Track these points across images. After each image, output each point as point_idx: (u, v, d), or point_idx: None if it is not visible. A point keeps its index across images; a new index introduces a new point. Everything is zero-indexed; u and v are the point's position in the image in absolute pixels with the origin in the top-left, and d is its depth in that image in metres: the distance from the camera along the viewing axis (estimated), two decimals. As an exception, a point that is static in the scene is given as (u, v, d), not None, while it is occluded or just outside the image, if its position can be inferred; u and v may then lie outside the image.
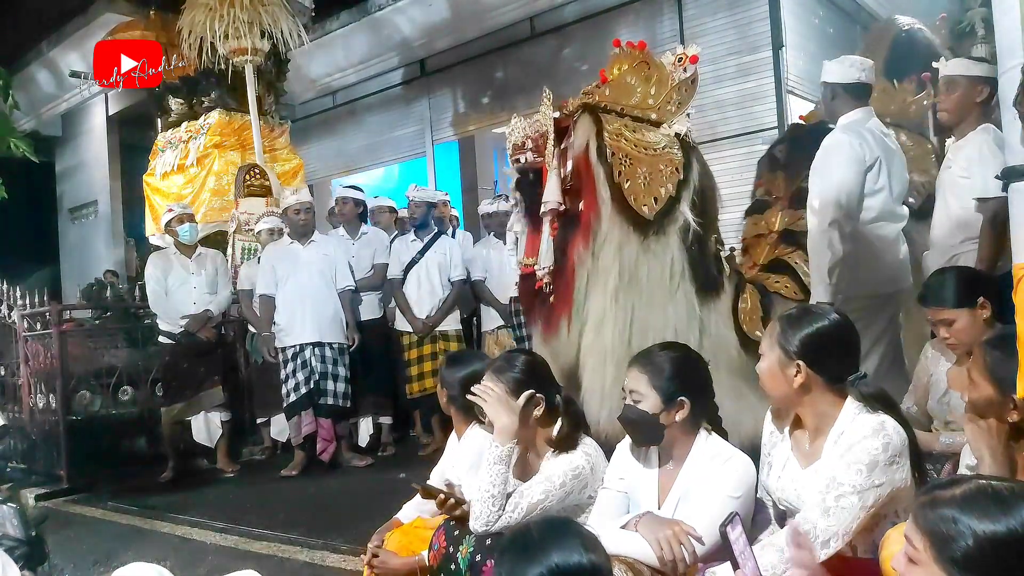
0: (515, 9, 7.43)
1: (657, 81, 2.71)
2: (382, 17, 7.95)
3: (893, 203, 3.08)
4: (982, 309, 2.33)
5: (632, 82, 2.74)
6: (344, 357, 4.93)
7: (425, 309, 5.07)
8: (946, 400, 2.49)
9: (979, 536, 1.04)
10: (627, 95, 2.71)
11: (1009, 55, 1.77)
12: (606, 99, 2.70)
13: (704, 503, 1.83)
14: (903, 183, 3.14)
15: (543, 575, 1.23)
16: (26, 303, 5.39)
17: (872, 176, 2.99)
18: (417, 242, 5.18)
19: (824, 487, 1.62)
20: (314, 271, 4.92)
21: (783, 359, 1.77)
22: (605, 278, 2.53)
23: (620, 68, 2.80)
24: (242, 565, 2.94)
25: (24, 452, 5.47)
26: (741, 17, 6.28)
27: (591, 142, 2.59)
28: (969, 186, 2.82)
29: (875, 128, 3.11)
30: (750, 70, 6.21)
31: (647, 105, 2.69)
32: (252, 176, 6.26)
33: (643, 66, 2.75)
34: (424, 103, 8.57)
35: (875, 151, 2.99)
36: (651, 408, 1.90)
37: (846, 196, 2.90)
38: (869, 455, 1.60)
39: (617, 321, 2.50)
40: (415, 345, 5.07)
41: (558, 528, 1.35)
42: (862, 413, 1.70)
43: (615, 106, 2.67)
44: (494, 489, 2.00)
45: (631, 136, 2.60)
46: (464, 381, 2.40)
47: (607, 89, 2.74)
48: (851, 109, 3.10)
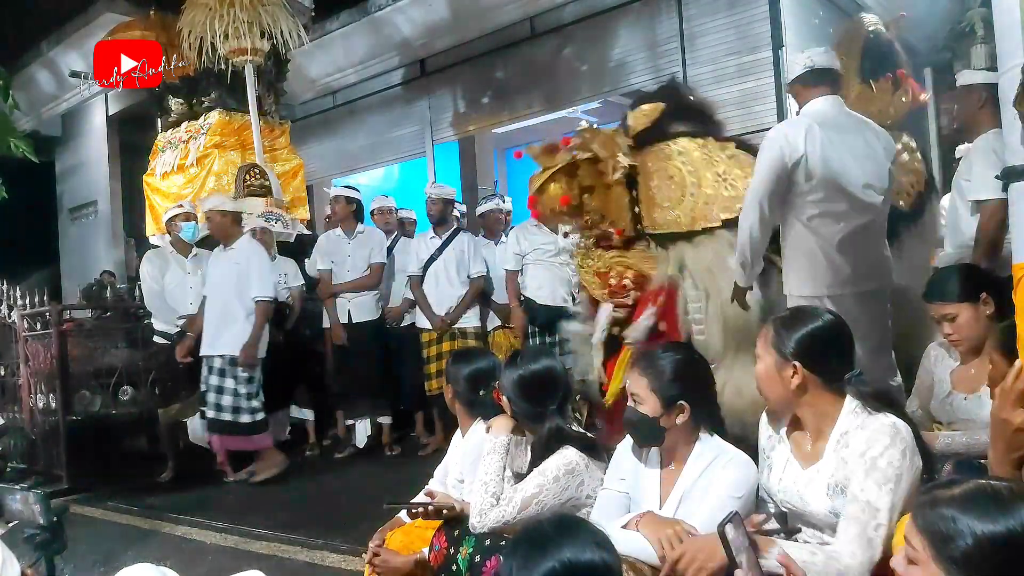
0: (515, 9, 7.42)
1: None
2: (382, 17, 7.94)
3: (845, 196, 2.86)
4: (985, 305, 2.34)
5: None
6: (236, 370, 4.66)
7: (444, 306, 5.05)
8: (949, 401, 2.48)
9: (978, 536, 1.04)
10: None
11: (1009, 55, 1.77)
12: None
13: (706, 503, 1.83)
14: (870, 176, 2.91)
15: (555, 569, 1.22)
16: (26, 303, 5.39)
17: (802, 172, 2.82)
18: (436, 239, 5.17)
19: (861, 514, 1.59)
20: (220, 280, 4.80)
21: (779, 361, 1.77)
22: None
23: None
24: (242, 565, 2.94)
25: (24, 452, 5.48)
26: (741, 17, 6.28)
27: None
28: (968, 188, 2.83)
29: (825, 119, 2.90)
30: (750, 70, 6.21)
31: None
32: (252, 176, 6.25)
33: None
34: (424, 103, 8.57)
35: (800, 147, 2.80)
36: (651, 411, 1.91)
37: (764, 190, 2.80)
38: (895, 469, 1.59)
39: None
40: (434, 342, 5.06)
41: (570, 524, 1.35)
42: (862, 412, 1.70)
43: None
44: (487, 477, 2.05)
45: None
46: (470, 378, 2.43)
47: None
48: (810, 99, 2.99)
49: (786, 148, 2.80)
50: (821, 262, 2.86)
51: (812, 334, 1.75)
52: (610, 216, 2.99)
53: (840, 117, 2.95)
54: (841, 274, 2.86)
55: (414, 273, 5.16)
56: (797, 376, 1.74)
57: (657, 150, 2.99)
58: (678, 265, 2.96)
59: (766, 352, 1.80)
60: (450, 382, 2.54)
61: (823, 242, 2.85)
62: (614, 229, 2.99)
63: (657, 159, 3.00)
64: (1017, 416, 1.47)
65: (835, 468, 1.69)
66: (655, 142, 3.02)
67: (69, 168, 10.96)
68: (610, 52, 7.10)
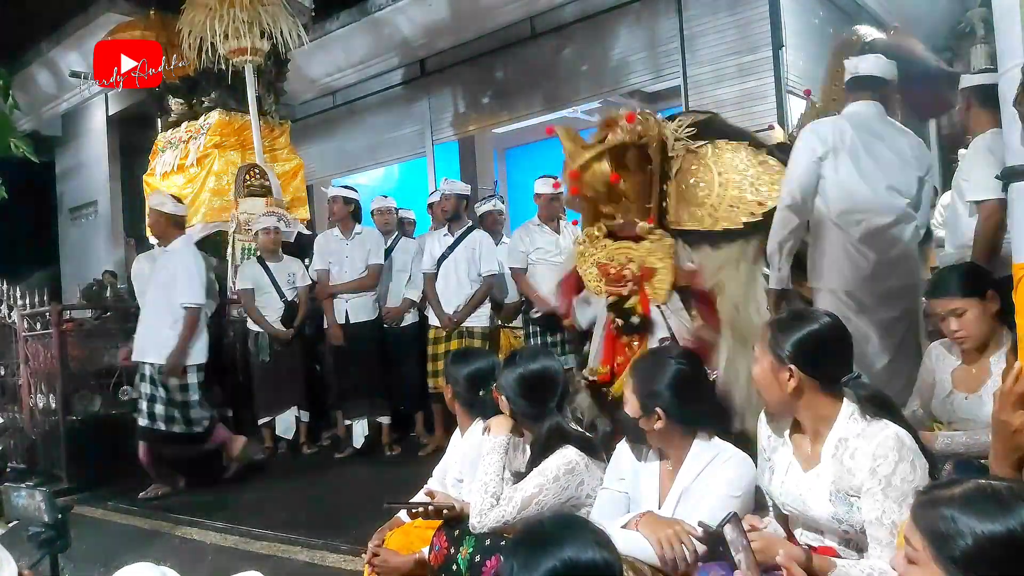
0: (515, 9, 7.43)
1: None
2: (382, 17, 7.95)
3: (872, 196, 3.00)
4: (991, 302, 2.34)
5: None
6: (163, 378, 4.51)
7: (453, 304, 5.00)
8: (950, 400, 2.48)
9: (978, 536, 1.04)
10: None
11: (1009, 55, 1.77)
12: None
13: (704, 502, 1.84)
14: (895, 180, 3.03)
15: (556, 568, 1.22)
16: (26, 303, 5.39)
17: (829, 165, 2.98)
18: (449, 236, 5.13)
19: (891, 536, 1.58)
20: (154, 286, 4.68)
21: (775, 364, 1.75)
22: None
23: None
24: (242, 565, 2.94)
25: (24, 452, 5.48)
26: (741, 17, 6.28)
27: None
28: (966, 188, 2.85)
29: (859, 120, 3.06)
30: (750, 70, 6.22)
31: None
32: (252, 176, 6.26)
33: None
34: (424, 103, 8.58)
35: (828, 141, 2.98)
36: (632, 412, 1.96)
37: (796, 178, 2.96)
38: (910, 483, 1.59)
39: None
40: (442, 340, 5.00)
41: (571, 523, 1.36)
42: (861, 419, 1.69)
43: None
44: (486, 477, 2.05)
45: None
46: (469, 378, 2.43)
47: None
48: (851, 103, 3.18)
49: (816, 143, 2.99)
50: (843, 257, 2.99)
51: (808, 337, 1.74)
52: (642, 205, 3.01)
53: (875, 121, 3.11)
54: (862, 270, 2.98)
55: (428, 270, 5.09)
56: (793, 379, 1.72)
57: (693, 148, 3.04)
58: (694, 260, 3.00)
59: (763, 354, 1.79)
60: (450, 382, 2.54)
61: (846, 237, 2.99)
62: (640, 220, 2.99)
63: (691, 157, 3.04)
64: (1017, 418, 1.47)
65: (837, 475, 1.68)
66: (696, 140, 3.06)
67: (69, 168, 10.97)
68: (610, 52, 7.11)
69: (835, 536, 1.72)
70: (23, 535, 2.16)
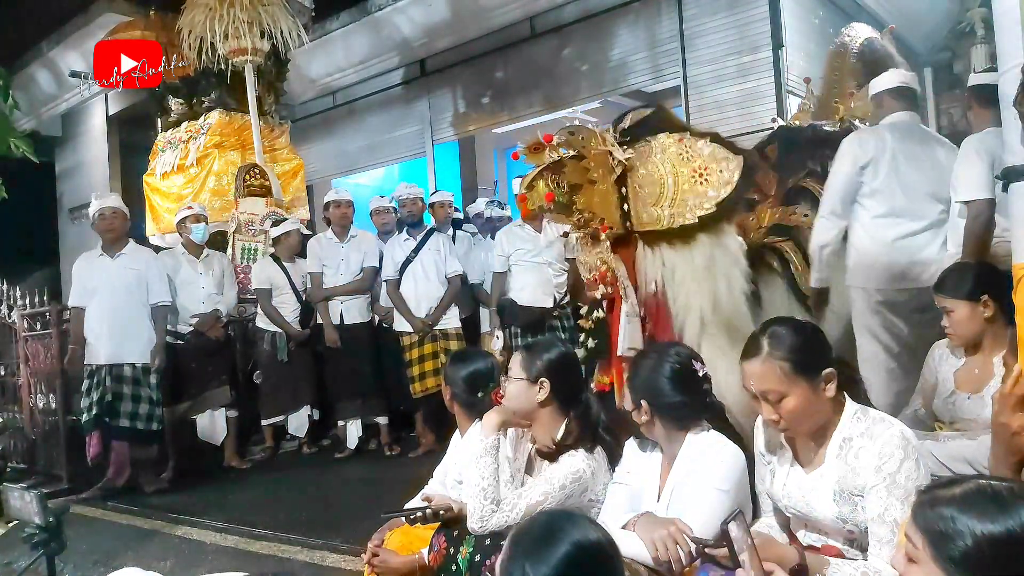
0: (515, 9, 7.43)
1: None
2: (382, 17, 7.95)
3: (906, 203, 3.19)
4: (984, 307, 2.34)
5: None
6: (149, 377, 4.70)
7: (423, 308, 5.02)
8: (952, 400, 2.49)
9: (978, 536, 1.04)
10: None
11: (1009, 55, 1.77)
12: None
13: (694, 497, 1.84)
14: (931, 187, 3.18)
15: (571, 552, 1.24)
16: (26, 303, 5.40)
17: (870, 172, 3.18)
18: (410, 241, 5.14)
19: (893, 535, 1.58)
20: (119, 286, 4.71)
21: (809, 390, 1.70)
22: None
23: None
24: (242, 565, 2.95)
25: (24, 452, 5.48)
26: (741, 17, 6.28)
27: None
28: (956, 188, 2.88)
29: (899, 130, 3.26)
30: (750, 70, 6.22)
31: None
32: (252, 176, 6.26)
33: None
34: (424, 103, 8.57)
35: (870, 151, 3.18)
36: (626, 405, 2.04)
37: (838, 188, 3.20)
38: (914, 481, 1.59)
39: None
40: (416, 345, 5.00)
41: (562, 513, 1.39)
42: (865, 418, 1.69)
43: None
44: (483, 482, 2.03)
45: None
46: (468, 379, 2.43)
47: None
48: (889, 112, 3.38)
49: (858, 152, 3.19)
50: (874, 257, 3.18)
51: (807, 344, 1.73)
52: (599, 213, 3.00)
53: (913, 130, 3.33)
54: (894, 271, 3.17)
55: (390, 276, 5.10)
56: (830, 388, 1.71)
57: (640, 147, 3.02)
58: (660, 263, 2.97)
59: (793, 385, 1.68)
60: (448, 383, 2.53)
61: (880, 240, 3.18)
62: (600, 226, 2.99)
63: (640, 156, 3.03)
64: (1016, 420, 1.47)
65: (841, 475, 1.68)
66: (639, 139, 3.05)
67: (69, 168, 10.96)
68: (610, 52, 7.11)
69: (839, 536, 1.72)
70: (20, 535, 2.17)
